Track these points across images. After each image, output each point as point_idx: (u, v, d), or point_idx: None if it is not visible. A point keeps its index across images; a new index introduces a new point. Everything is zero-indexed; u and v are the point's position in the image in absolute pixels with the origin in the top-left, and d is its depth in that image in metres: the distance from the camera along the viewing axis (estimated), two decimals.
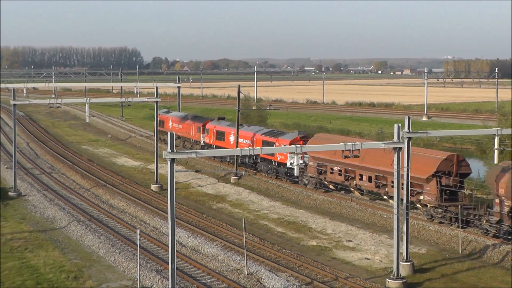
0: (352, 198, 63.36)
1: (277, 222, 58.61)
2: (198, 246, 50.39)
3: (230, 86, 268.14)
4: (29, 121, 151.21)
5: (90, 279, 42.94)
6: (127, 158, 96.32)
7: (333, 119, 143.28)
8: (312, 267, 44.85)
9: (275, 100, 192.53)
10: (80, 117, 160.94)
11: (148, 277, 42.66)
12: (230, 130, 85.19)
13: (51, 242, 51.60)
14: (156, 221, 57.57)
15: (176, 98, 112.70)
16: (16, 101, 70.75)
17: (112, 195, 68.51)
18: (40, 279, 42.56)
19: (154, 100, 76.01)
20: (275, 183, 72.39)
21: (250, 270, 44.17)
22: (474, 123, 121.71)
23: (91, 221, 57.98)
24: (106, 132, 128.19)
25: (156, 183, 73.74)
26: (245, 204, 66.05)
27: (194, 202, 67.47)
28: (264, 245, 50.18)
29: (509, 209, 48.52)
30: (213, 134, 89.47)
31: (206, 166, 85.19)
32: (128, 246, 50.16)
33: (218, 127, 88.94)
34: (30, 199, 67.65)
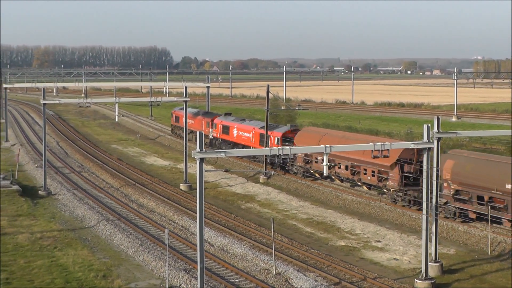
0: (381, 199, 63.10)
1: (305, 222, 58.49)
2: (226, 245, 50.40)
3: (259, 86, 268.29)
4: (59, 120, 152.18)
5: (118, 278, 43.08)
6: (156, 158, 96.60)
7: (362, 119, 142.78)
8: (341, 267, 44.71)
9: (304, 100, 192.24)
10: (109, 116, 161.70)
11: (177, 277, 42.73)
12: (234, 124, 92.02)
13: (80, 241, 51.84)
14: (185, 221, 57.67)
15: (205, 97, 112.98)
16: (46, 101, 71.19)
17: (141, 195, 68.74)
18: (69, 278, 42.76)
19: (184, 100, 76.15)
20: (304, 183, 72.28)
21: (278, 270, 44.11)
22: (504, 124, 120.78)
23: (120, 220, 58.22)
24: (135, 132, 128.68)
25: (185, 183, 73.86)
26: (274, 204, 65.99)
27: (223, 201, 67.51)
28: (292, 245, 50.10)
29: (454, 192, 55.45)
30: (219, 129, 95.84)
31: (235, 165, 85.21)
32: (156, 246, 50.29)
33: (224, 122, 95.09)
34: (60, 198, 68.04)
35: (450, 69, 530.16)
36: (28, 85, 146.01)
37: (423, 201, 42.54)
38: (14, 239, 51.47)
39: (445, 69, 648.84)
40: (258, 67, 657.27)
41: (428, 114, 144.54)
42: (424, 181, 42.50)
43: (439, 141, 43.59)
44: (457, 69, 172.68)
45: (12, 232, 53.75)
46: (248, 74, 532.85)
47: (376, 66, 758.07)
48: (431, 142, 42.21)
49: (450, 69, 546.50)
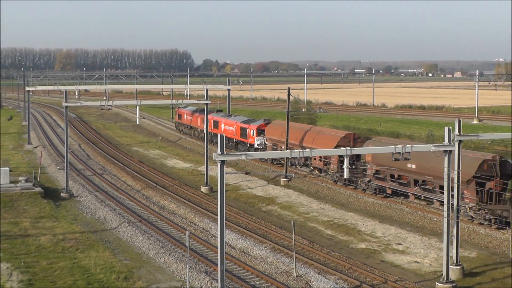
0: (402, 202, 62.98)
1: (326, 225, 58.49)
2: (247, 248, 50.49)
3: (280, 88, 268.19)
4: (81, 123, 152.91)
5: (140, 280, 43.28)
6: (177, 160, 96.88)
7: (383, 121, 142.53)
8: (361, 270, 44.68)
9: (325, 103, 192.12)
10: (131, 119, 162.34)
11: (198, 279, 42.86)
12: (222, 119, 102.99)
13: (102, 243, 52.11)
14: (205, 223, 57.81)
15: (226, 100, 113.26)
16: (68, 103, 71.57)
17: (162, 197, 68.98)
18: (91, 279, 43.01)
19: (204, 102, 76.33)
20: (325, 186, 72.27)
21: (299, 272, 44.15)
22: None
23: (141, 222, 58.46)
24: (156, 134, 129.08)
25: (206, 185, 74.00)
26: (294, 206, 66.03)
27: (243, 204, 67.61)
28: (313, 248, 50.13)
29: (374, 172, 66.82)
30: (211, 124, 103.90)
31: (256, 168, 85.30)
32: (177, 248, 50.45)
33: (215, 118, 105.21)
34: (82, 200, 68.40)
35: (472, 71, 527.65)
36: (50, 87, 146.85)
37: (444, 204, 42.45)
38: (37, 241, 51.84)
39: (466, 72, 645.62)
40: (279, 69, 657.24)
41: (449, 117, 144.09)
42: (445, 184, 42.40)
43: (460, 144, 43.48)
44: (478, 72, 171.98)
45: (35, 234, 54.14)
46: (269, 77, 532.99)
47: (397, 69, 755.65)
48: (452, 144, 42.13)
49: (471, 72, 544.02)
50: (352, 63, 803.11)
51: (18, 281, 42.43)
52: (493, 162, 55.39)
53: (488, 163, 55.37)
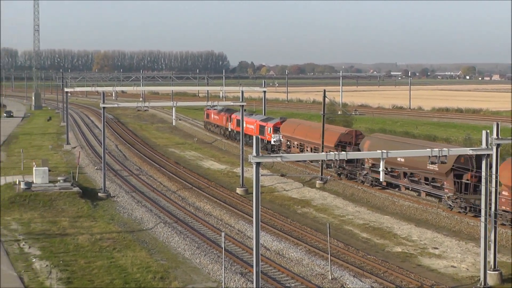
0: (438, 205, 62.72)
1: (362, 228, 58.44)
2: (282, 250, 50.62)
3: (315, 90, 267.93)
4: (118, 124, 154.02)
5: (176, 280, 43.58)
6: (213, 161, 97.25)
7: (419, 124, 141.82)
8: (397, 273, 44.60)
9: (361, 105, 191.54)
10: (167, 120, 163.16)
11: (233, 280, 43.07)
12: (245, 118, 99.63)
13: (139, 243, 52.55)
14: (241, 225, 58.04)
15: (262, 102, 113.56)
16: (106, 104, 72.29)
17: (198, 198, 69.33)
18: (127, 279, 43.41)
19: (240, 104, 76.61)
20: (361, 189, 72.17)
21: (334, 275, 44.20)
22: None
23: (177, 223, 58.84)
24: (192, 136, 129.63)
25: (241, 187, 74.23)
26: (330, 209, 66.03)
27: (279, 206, 67.75)
28: (348, 251, 50.13)
29: (371, 165, 72.55)
30: (235, 122, 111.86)
31: (291, 170, 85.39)
32: (213, 249, 50.72)
33: (237, 117, 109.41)
34: (119, 200, 69.00)
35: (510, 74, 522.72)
36: (88, 89, 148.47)
37: (481, 208, 42.25)
38: (75, 240, 52.44)
39: (505, 74, 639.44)
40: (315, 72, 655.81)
41: (487, 120, 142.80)
42: (482, 188, 42.21)
43: (498, 148, 43.18)
44: None
45: (73, 233, 54.78)
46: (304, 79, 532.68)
47: (433, 71, 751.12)
48: (490, 148, 41.86)
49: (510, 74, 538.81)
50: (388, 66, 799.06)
51: (57, 279, 42.96)
52: (469, 156, 58.73)
53: (464, 157, 59.56)
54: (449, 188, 61.32)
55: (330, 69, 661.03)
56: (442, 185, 62.62)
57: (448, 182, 61.31)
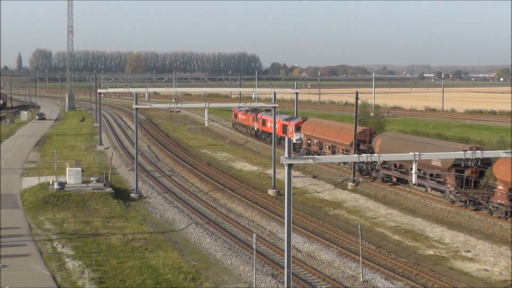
0: (471, 209, 62.35)
1: (393, 230, 58.25)
2: (314, 251, 50.61)
3: (348, 92, 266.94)
4: (150, 125, 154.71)
5: (207, 281, 43.74)
6: (245, 163, 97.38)
7: (452, 126, 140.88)
8: (429, 276, 44.42)
9: (393, 107, 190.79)
10: (199, 121, 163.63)
11: (264, 281, 43.13)
12: (268, 118, 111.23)
13: (170, 244, 52.79)
14: (272, 226, 58.10)
15: (294, 104, 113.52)
16: (138, 105, 72.69)
17: (229, 199, 69.49)
18: (159, 279, 43.63)
19: (272, 106, 76.70)
20: (393, 191, 71.93)
21: (365, 277, 44.12)
22: None
23: (209, 224, 59.03)
24: (224, 137, 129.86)
25: (273, 188, 74.28)
26: (362, 211, 65.89)
27: (310, 207, 67.72)
28: (380, 253, 50.01)
29: (382, 162, 74.76)
30: (260, 122, 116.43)
31: (323, 172, 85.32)
32: (244, 250, 50.83)
33: (263, 117, 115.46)
34: (151, 201, 69.34)
35: None
36: (121, 90, 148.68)
37: None
38: (108, 240, 52.80)
39: None
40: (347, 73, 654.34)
41: None
42: None
43: None
44: None
45: (106, 233, 55.16)
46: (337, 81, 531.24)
47: (467, 73, 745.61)
48: None
49: None
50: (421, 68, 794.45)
51: (90, 279, 43.30)
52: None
53: None
54: (451, 183, 64.50)
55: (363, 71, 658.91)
56: (445, 180, 65.84)
57: (450, 177, 64.57)
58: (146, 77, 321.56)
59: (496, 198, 59.15)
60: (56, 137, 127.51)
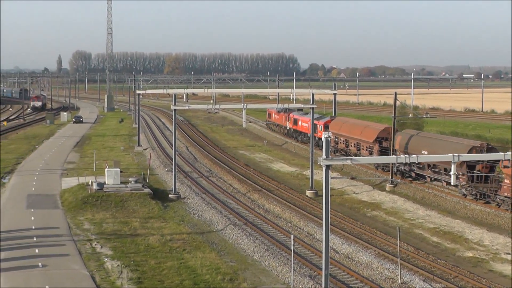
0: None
1: (432, 232, 57.90)
2: (351, 253, 50.49)
3: (386, 93, 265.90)
4: (189, 126, 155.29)
5: (245, 282, 43.83)
6: (283, 164, 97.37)
7: (492, 127, 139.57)
8: (468, 278, 44.10)
9: (432, 108, 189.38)
10: (237, 122, 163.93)
11: (302, 282, 43.12)
12: (300, 117, 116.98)
13: (208, 244, 52.96)
14: (310, 227, 58.04)
15: (332, 105, 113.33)
16: (177, 106, 72.99)
17: (267, 200, 69.53)
18: (197, 280, 43.80)
19: (310, 107, 76.62)
20: (431, 192, 71.51)
21: (404, 279, 43.92)
22: None
23: (247, 225, 59.12)
24: (262, 138, 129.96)
25: (311, 189, 74.21)
26: (400, 212, 65.59)
27: (348, 209, 67.55)
28: (418, 255, 49.74)
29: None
30: (292, 121, 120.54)
31: (361, 173, 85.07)
32: (282, 251, 50.86)
33: (295, 116, 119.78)
34: (189, 201, 69.62)
35: None
36: (159, 91, 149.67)
37: None
38: (146, 240, 53.13)
39: None
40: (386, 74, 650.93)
41: None
42: None
43: None
44: None
45: (144, 233, 55.50)
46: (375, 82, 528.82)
47: (507, 74, 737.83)
48: None
49: None
50: (460, 68, 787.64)
51: (128, 279, 43.60)
52: (481, 148, 66.81)
53: (476, 149, 66.71)
54: (463, 178, 66.92)
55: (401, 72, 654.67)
56: (457, 176, 63.36)
57: (461, 172, 66.58)
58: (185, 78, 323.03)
59: (503, 191, 62.25)
60: (95, 138, 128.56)
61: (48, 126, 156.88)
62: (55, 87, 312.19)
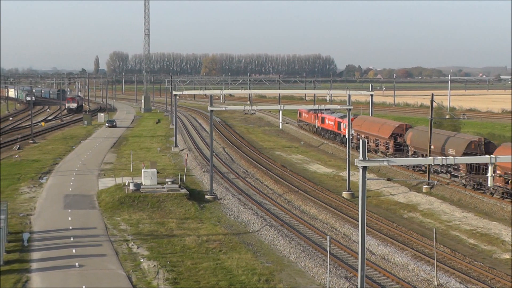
0: None
1: (469, 234, 57.56)
2: (387, 254, 50.38)
3: (423, 94, 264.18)
4: (225, 127, 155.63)
5: (280, 283, 43.92)
6: (319, 165, 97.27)
7: None
8: (505, 281, 43.83)
9: (469, 110, 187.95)
10: (273, 123, 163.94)
11: (338, 284, 43.13)
12: (327, 116, 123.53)
13: (244, 245, 53.11)
14: (346, 228, 57.98)
15: (369, 106, 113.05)
16: (213, 107, 73.25)
17: (304, 201, 69.54)
18: (233, 281, 43.97)
19: (347, 108, 76.51)
20: (468, 194, 71.06)
21: (440, 281, 43.77)
22: None
23: (283, 226, 59.20)
24: (299, 139, 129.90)
25: (347, 191, 74.10)
26: (436, 214, 65.26)
27: (385, 210, 67.36)
28: (455, 256, 49.51)
29: (412, 153, 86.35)
30: (320, 120, 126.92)
31: (398, 174, 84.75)
32: (318, 252, 50.87)
33: (322, 115, 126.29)
34: (225, 202, 69.81)
35: None
36: (196, 92, 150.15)
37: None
38: (182, 241, 53.42)
39: None
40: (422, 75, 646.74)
41: None
42: None
43: None
44: None
45: (180, 234, 55.80)
46: (412, 83, 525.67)
47: None
48: None
49: None
50: (498, 69, 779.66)
51: (164, 279, 43.91)
52: (478, 143, 73.63)
53: (474, 143, 73.65)
54: (463, 169, 73.61)
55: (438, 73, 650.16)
56: (458, 167, 75.44)
57: (462, 165, 72.99)
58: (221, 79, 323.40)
59: (495, 181, 67.19)
60: (132, 139, 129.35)
61: (85, 127, 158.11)
62: (93, 88, 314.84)
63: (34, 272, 45.77)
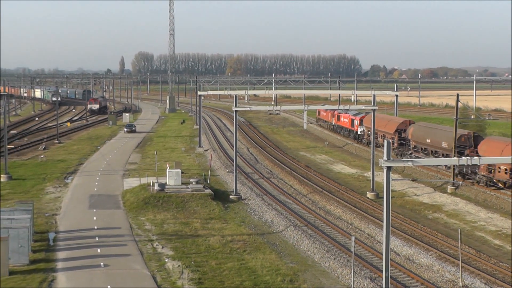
0: None
1: (494, 235, 57.24)
2: (412, 255, 50.24)
3: (448, 95, 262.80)
4: (250, 127, 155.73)
5: (305, 283, 43.92)
6: (343, 165, 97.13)
7: None
8: None
9: (495, 110, 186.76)
10: (298, 123, 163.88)
11: (362, 284, 43.07)
12: (342, 114, 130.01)
13: (268, 246, 53.15)
14: (371, 229, 57.88)
15: (393, 106, 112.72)
16: (238, 108, 73.33)
17: (328, 202, 69.49)
18: (257, 281, 44.02)
19: (372, 108, 76.35)
20: (494, 194, 70.65)
21: (465, 282, 43.59)
22: None
23: (307, 226, 59.19)
24: (323, 139, 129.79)
25: (372, 191, 73.94)
26: (461, 214, 64.96)
27: (409, 211, 67.15)
28: (480, 257, 49.27)
29: (413, 146, 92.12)
30: (336, 117, 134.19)
31: (422, 175, 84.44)
32: (342, 253, 50.84)
33: (338, 113, 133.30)
34: (250, 203, 69.88)
35: None
36: (221, 92, 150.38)
37: None
38: (207, 241, 53.55)
39: None
40: (448, 75, 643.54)
41: None
42: None
43: None
44: None
45: (205, 234, 55.92)
46: (437, 83, 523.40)
47: None
48: None
49: None
50: None
51: (189, 279, 44.04)
52: (467, 136, 79.53)
53: (464, 137, 79.40)
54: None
55: (464, 73, 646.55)
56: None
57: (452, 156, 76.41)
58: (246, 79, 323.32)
59: (480, 171, 73.89)
60: (157, 139, 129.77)
61: (110, 127, 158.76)
62: (118, 88, 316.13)
63: (60, 271, 46.07)
